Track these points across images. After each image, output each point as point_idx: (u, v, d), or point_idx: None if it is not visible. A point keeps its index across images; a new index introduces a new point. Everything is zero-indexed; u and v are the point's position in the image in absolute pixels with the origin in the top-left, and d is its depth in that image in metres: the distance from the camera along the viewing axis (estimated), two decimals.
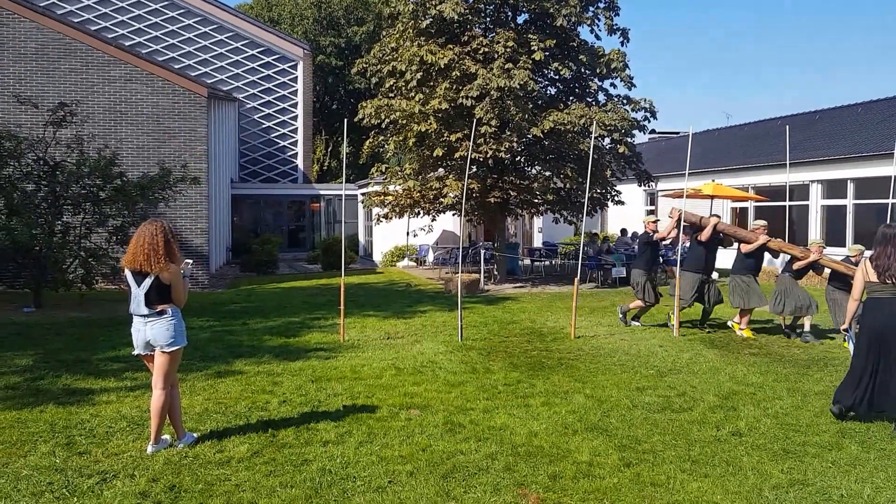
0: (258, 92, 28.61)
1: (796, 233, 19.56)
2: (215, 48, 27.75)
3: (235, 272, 21.22)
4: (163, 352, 4.90)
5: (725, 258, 11.76)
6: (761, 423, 5.79)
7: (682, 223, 10.06)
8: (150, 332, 4.90)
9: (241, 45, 28.06)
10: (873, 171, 16.94)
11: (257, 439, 5.21)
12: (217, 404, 6.18)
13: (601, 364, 8.04)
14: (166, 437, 5.09)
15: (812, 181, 19.05)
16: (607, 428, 5.62)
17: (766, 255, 10.68)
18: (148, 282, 4.85)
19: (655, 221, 10.92)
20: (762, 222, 10.45)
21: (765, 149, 21.79)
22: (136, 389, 6.66)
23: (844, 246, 17.92)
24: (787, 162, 12.08)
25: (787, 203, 11.66)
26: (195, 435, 5.20)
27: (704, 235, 9.96)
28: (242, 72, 28.24)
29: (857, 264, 9.51)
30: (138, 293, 4.87)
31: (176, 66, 23.87)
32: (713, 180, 19.81)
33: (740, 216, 22.19)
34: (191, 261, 5.45)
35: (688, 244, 10.79)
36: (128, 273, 4.92)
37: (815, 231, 19.01)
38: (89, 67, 15.95)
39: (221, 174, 21.60)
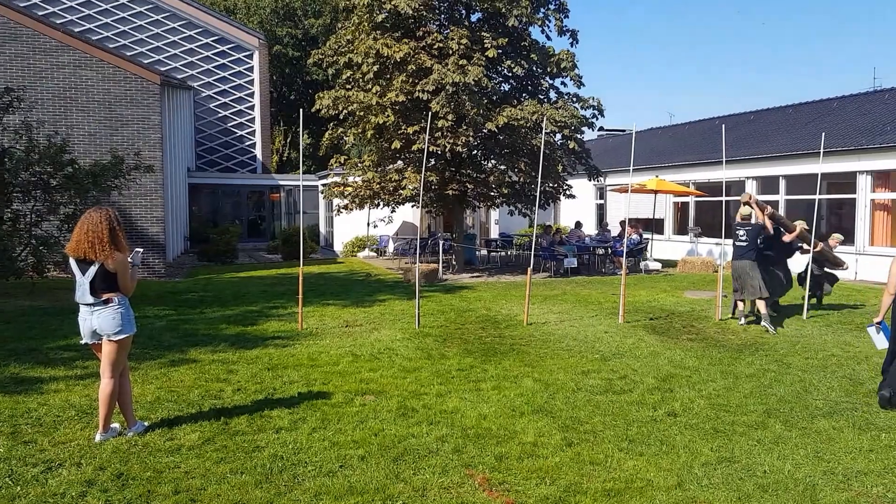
0: (214, 81, 28.28)
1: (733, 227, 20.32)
2: (168, 36, 27.32)
3: (193, 261, 21.03)
4: (110, 340, 4.91)
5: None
6: (695, 403, 6.08)
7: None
8: (97, 320, 4.89)
9: (195, 33, 27.70)
10: (802, 169, 17.76)
11: (209, 427, 5.27)
12: (169, 392, 6.22)
13: (550, 349, 8.29)
14: (115, 425, 5.13)
15: (747, 177, 19.81)
16: (552, 410, 5.85)
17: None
18: (93, 270, 4.83)
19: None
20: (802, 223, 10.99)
21: (704, 146, 22.58)
22: (86, 378, 6.65)
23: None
24: (724, 159, 12.69)
25: (724, 198, 12.26)
26: (145, 423, 5.24)
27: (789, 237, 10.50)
28: (197, 60, 27.87)
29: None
30: (83, 281, 4.85)
31: (128, 54, 23.44)
32: (657, 176, 20.55)
33: (682, 210, 22.88)
34: (141, 249, 5.44)
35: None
36: (72, 261, 4.90)
37: None
38: (36, 53, 15.59)
39: (177, 163, 21.33)
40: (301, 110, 10.87)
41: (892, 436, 5.29)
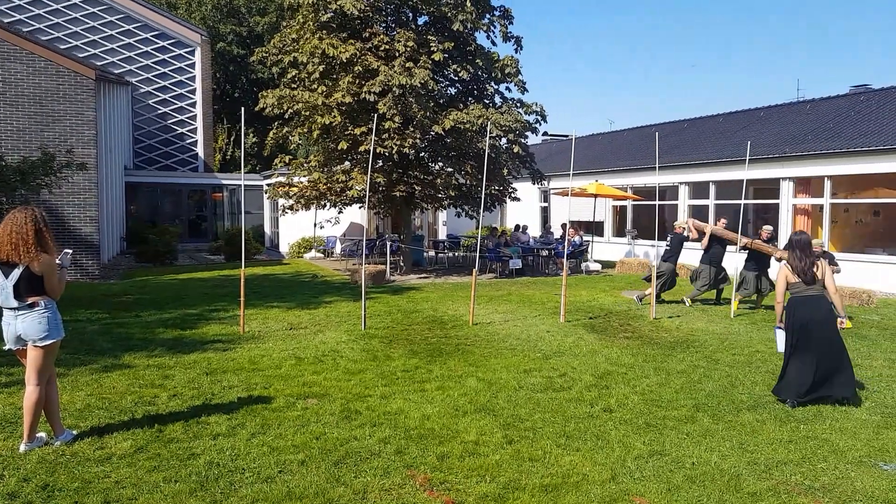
0: (154, 77, 27.54)
1: (667, 229, 21.00)
2: (106, 30, 26.50)
3: (130, 263, 20.41)
4: (36, 346, 4.72)
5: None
6: (629, 399, 6.27)
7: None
8: (21, 325, 4.69)
9: (134, 27, 26.94)
10: (730, 175, 18.51)
11: (142, 434, 5.12)
12: (101, 399, 6.02)
13: (494, 349, 8.38)
14: (42, 434, 4.92)
15: (680, 183, 20.54)
16: (494, 408, 5.91)
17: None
18: (17, 273, 4.63)
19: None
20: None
21: (641, 153, 23.30)
22: (11, 386, 6.39)
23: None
24: (657, 165, 13.18)
25: (657, 202, 12.76)
26: (74, 432, 5.05)
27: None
28: (136, 56, 27.10)
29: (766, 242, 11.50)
30: (6, 285, 4.64)
31: (63, 48, 22.61)
32: (596, 180, 21.07)
33: (620, 214, 23.49)
34: (70, 250, 5.23)
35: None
36: None
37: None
38: None
39: (114, 160, 20.67)
40: (244, 108, 10.67)
41: (809, 427, 5.57)
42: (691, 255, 14.79)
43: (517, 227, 22.18)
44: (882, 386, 6.89)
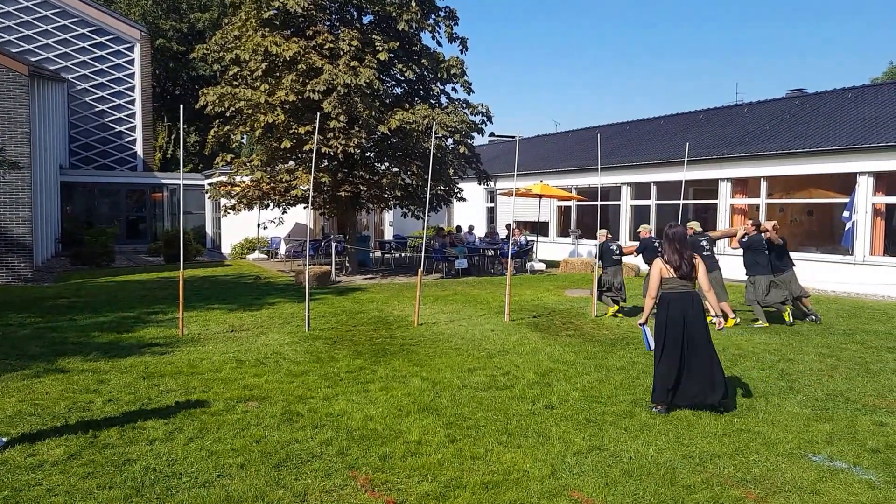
0: (91, 73, 26.68)
1: (610, 228, 21.48)
2: (39, 24, 25.55)
3: (65, 265, 19.73)
4: None
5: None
6: (570, 396, 6.39)
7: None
8: None
9: (70, 22, 26.07)
10: (671, 176, 19.05)
11: (76, 441, 4.99)
12: (32, 405, 5.83)
13: (439, 348, 8.43)
14: None
15: (623, 183, 21.03)
16: (438, 407, 5.95)
17: None
18: None
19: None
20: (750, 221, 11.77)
21: (585, 154, 23.74)
22: None
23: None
24: (599, 166, 13.49)
25: (599, 203, 13.00)
26: (4, 439, 4.88)
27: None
28: (72, 51, 26.20)
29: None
30: None
31: None
32: (542, 181, 21.39)
33: (564, 214, 23.90)
34: None
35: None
36: None
37: (625, 227, 20.89)
38: None
39: (48, 159, 19.95)
40: (183, 106, 10.45)
41: (742, 420, 5.76)
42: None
43: (458, 227, 22.31)
44: (813, 380, 7.13)
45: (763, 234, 10.89)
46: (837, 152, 15.38)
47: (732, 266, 14.72)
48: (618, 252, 11.55)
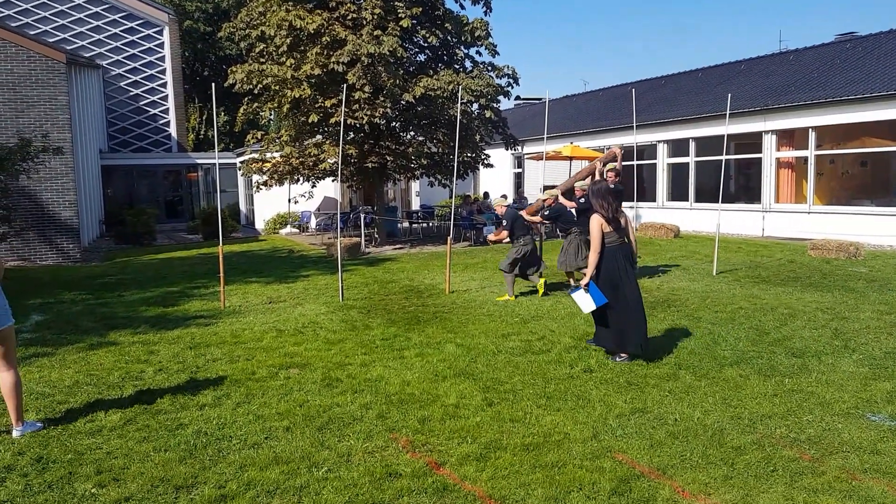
0: (123, 59, 27.15)
1: (646, 189, 21.07)
2: (74, 13, 26.03)
3: (110, 245, 20.33)
4: None
5: None
6: (609, 359, 6.35)
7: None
8: None
9: (101, 9, 26.50)
10: (711, 131, 18.41)
11: (131, 407, 5.21)
12: (89, 376, 6.10)
13: (472, 315, 8.51)
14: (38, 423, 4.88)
15: (659, 141, 20.40)
16: (474, 372, 6.04)
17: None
18: None
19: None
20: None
21: (617, 112, 23.06)
22: None
23: (688, 200, 19.56)
24: (635, 124, 13.08)
25: (635, 162, 12.54)
26: (39, 424, 4.91)
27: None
28: (105, 38, 26.66)
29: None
30: None
31: (32, 33, 22.18)
32: (571, 143, 20.93)
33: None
34: None
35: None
36: None
37: (662, 187, 20.41)
38: None
39: (88, 144, 20.43)
40: (214, 85, 10.59)
41: (794, 380, 5.62)
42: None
43: (485, 194, 22.23)
44: (870, 338, 6.93)
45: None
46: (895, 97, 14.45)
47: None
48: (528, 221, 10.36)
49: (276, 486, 3.91)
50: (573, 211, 10.42)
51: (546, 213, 10.61)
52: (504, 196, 10.55)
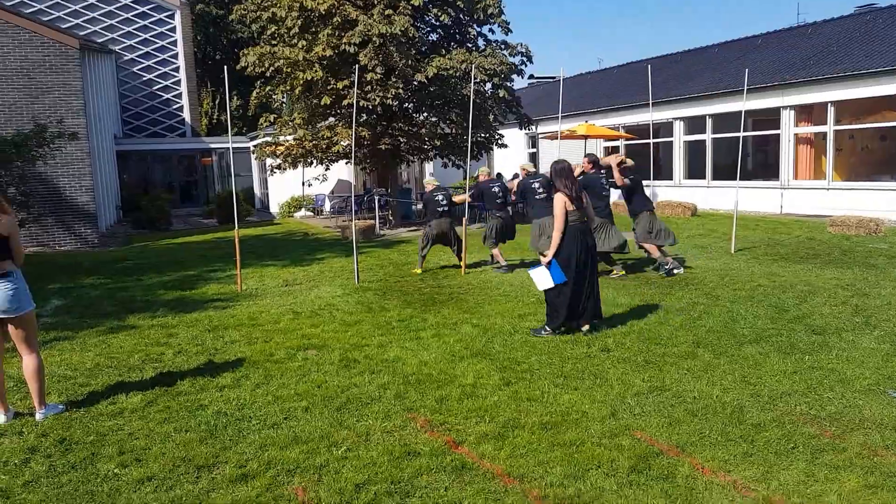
0: (136, 44, 27.18)
1: (663, 168, 20.83)
2: None
3: (127, 230, 20.49)
4: (13, 319, 4.60)
5: None
6: (627, 339, 6.33)
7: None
8: None
9: None
10: (727, 107, 18.11)
11: (151, 390, 5.26)
12: (109, 359, 6.17)
13: (488, 296, 8.51)
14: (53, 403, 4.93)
15: (675, 118, 20.12)
16: (490, 352, 6.04)
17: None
18: None
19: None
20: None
21: (632, 90, 22.68)
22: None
23: (705, 178, 19.32)
24: (650, 101, 12.83)
25: (651, 140, 12.36)
26: (61, 406, 4.93)
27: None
28: (117, 23, 26.70)
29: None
30: None
31: (45, 19, 22.25)
32: (586, 121, 20.69)
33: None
34: None
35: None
36: None
37: (678, 164, 20.16)
38: None
39: (103, 130, 20.55)
40: (226, 68, 10.57)
41: (814, 358, 5.57)
42: None
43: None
44: (891, 314, 6.86)
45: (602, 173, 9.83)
46: None
47: None
48: (445, 202, 10.39)
49: (296, 465, 3.94)
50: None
51: (472, 194, 10.87)
52: (432, 174, 10.72)
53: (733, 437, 4.16)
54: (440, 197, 10.44)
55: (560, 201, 6.36)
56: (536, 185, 9.63)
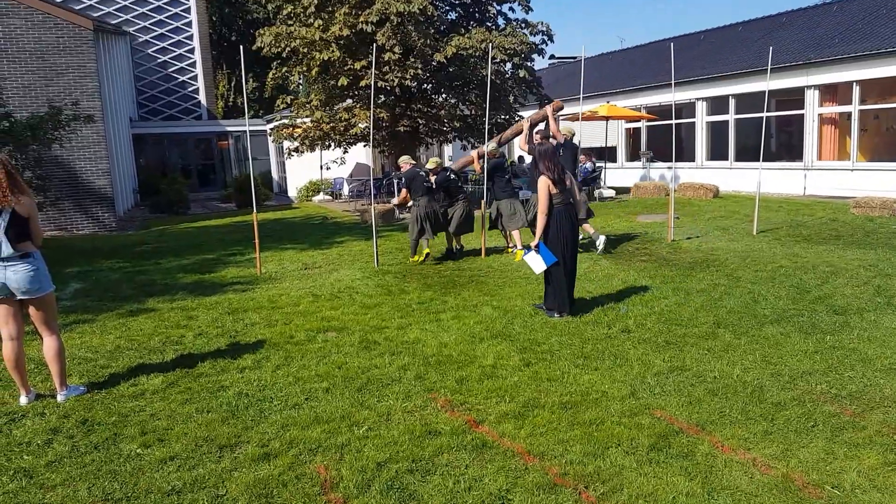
0: (151, 25, 27.13)
1: (685, 149, 20.54)
2: None
3: (145, 214, 20.62)
4: (34, 300, 4.61)
5: None
6: (647, 320, 6.29)
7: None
8: (13, 276, 4.50)
9: None
10: (751, 87, 17.77)
11: (172, 371, 5.29)
12: (129, 341, 6.20)
13: (508, 278, 8.46)
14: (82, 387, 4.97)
15: (697, 99, 19.78)
16: (510, 334, 6.01)
17: None
18: (5, 218, 4.42)
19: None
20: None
21: (654, 70, 22.30)
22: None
23: (727, 159, 19.03)
24: (673, 81, 12.60)
25: (674, 121, 12.13)
26: (83, 388, 4.96)
27: None
28: (131, 3, 26.64)
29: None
30: None
31: (58, 0, 22.25)
32: (608, 102, 20.39)
33: (634, 136, 22.99)
34: None
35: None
36: None
37: (701, 146, 19.90)
38: None
39: (119, 112, 20.60)
40: (242, 49, 10.50)
41: (836, 337, 5.54)
42: None
43: (520, 158, 21.93)
44: None
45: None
46: None
47: None
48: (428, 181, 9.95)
49: (317, 444, 3.95)
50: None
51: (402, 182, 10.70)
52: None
53: (753, 415, 4.17)
54: (424, 173, 9.93)
55: (544, 184, 6.43)
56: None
